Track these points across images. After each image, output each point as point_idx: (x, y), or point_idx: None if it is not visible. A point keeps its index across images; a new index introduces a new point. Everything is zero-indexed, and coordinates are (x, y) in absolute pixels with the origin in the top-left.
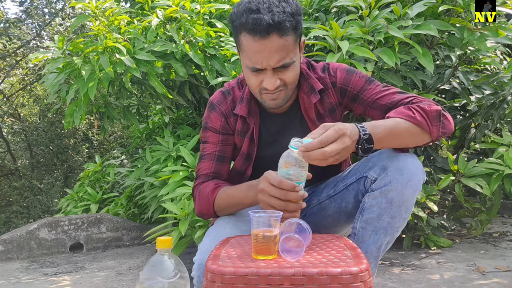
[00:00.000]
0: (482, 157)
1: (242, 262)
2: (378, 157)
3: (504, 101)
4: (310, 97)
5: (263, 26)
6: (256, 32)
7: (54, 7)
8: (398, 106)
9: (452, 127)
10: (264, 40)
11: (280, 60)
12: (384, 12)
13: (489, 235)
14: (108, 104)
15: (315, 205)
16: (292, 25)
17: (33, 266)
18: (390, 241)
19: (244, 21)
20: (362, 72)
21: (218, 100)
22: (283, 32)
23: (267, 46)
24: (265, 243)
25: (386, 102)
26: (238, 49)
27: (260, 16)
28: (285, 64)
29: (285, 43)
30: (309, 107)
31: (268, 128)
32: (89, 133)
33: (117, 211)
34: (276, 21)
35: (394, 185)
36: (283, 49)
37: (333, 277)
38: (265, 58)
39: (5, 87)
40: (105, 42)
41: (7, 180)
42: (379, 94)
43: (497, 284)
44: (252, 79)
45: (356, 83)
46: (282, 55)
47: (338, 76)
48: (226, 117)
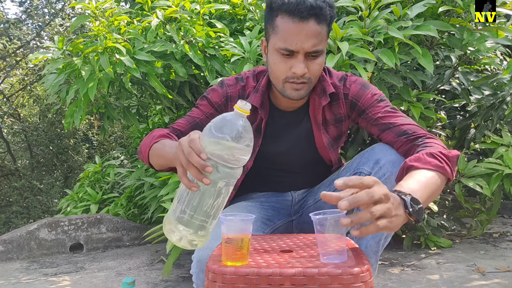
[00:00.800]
0: (482, 157)
1: None
2: (371, 152)
3: (504, 101)
4: (321, 99)
5: (305, 7)
6: (296, 13)
7: (54, 7)
8: (398, 129)
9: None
10: (302, 23)
11: (314, 45)
12: (384, 12)
13: (489, 235)
14: (108, 105)
15: (311, 204)
16: (329, 14)
17: (33, 266)
18: (388, 235)
19: (286, 1)
20: (376, 90)
21: (229, 82)
22: (321, 19)
23: (305, 29)
24: (235, 248)
25: (387, 121)
26: (269, 33)
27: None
28: (317, 50)
29: (320, 30)
30: (318, 108)
31: (274, 124)
32: (89, 134)
33: (117, 212)
34: (317, 5)
35: (388, 177)
36: (318, 35)
37: (334, 278)
38: (300, 40)
39: (5, 87)
40: (105, 43)
41: (7, 180)
42: (383, 113)
43: (497, 284)
44: (281, 64)
45: (367, 100)
46: (316, 41)
47: (352, 89)
48: (228, 100)
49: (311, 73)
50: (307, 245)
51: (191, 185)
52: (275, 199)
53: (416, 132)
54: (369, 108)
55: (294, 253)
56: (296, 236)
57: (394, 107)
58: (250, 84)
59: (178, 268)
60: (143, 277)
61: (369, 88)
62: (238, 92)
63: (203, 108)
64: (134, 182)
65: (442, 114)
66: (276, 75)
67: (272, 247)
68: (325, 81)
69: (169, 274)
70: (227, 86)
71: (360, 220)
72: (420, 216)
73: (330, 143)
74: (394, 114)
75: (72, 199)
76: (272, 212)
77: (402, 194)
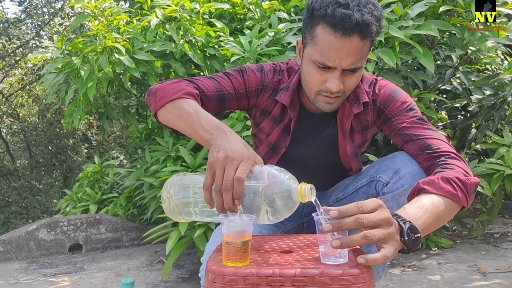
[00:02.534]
0: (483, 157)
1: None
2: (391, 160)
3: (505, 101)
4: (353, 107)
5: (350, 23)
6: (340, 28)
7: (53, 7)
8: (421, 142)
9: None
10: (345, 38)
11: (353, 62)
12: (384, 12)
13: (490, 235)
14: (107, 104)
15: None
16: (376, 30)
17: (32, 267)
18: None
19: (329, 13)
20: (407, 97)
21: (268, 71)
22: (365, 35)
23: (346, 45)
24: (235, 249)
25: (412, 132)
26: (307, 39)
27: (349, 13)
28: (356, 68)
29: (363, 47)
30: (348, 116)
31: (300, 125)
32: (88, 133)
33: (116, 212)
34: (364, 21)
35: (407, 189)
36: (360, 52)
37: (334, 278)
38: (339, 57)
39: (4, 87)
40: (104, 42)
41: (6, 180)
42: (410, 124)
43: (498, 285)
44: (316, 76)
45: (396, 107)
46: (356, 58)
47: (380, 95)
48: (263, 89)
49: (347, 88)
50: (307, 246)
51: (210, 202)
52: None
53: (440, 149)
54: (396, 116)
55: (294, 253)
56: (296, 237)
57: (423, 118)
58: (285, 79)
59: (178, 269)
60: (143, 278)
61: (399, 95)
62: (274, 84)
63: (235, 82)
64: (133, 182)
65: (443, 114)
66: (309, 86)
67: (272, 247)
68: (360, 88)
69: (169, 274)
70: (266, 74)
71: (352, 243)
72: (415, 246)
73: (354, 152)
74: (421, 125)
75: (71, 199)
76: None
77: (401, 220)
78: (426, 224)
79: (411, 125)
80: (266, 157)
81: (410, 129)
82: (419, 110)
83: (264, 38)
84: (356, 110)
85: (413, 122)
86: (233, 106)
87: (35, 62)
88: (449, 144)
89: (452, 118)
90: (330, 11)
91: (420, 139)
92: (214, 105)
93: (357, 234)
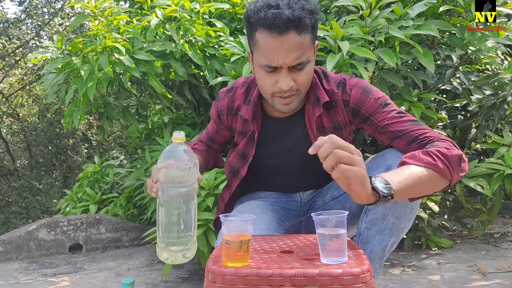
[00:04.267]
0: (483, 157)
1: None
2: (383, 157)
3: (505, 101)
4: (314, 109)
5: (282, 20)
6: (274, 27)
7: (53, 7)
8: (408, 137)
9: (467, 168)
10: (281, 36)
11: (296, 58)
12: (384, 12)
13: (490, 235)
14: (107, 104)
15: (319, 206)
16: (311, 22)
17: (32, 267)
18: (396, 242)
19: (262, 16)
20: (379, 93)
21: (221, 95)
22: (301, 30)
23: (285, 43)
24: (235, 249)
25: (396, 129)
26: (252, 48)
27: (280, 11)
28: (301, 62)
29: (302, 41)
30: (312, 118)
31: (268, 132)
32: (88, 133)
33: (116, 212)
34: (295, 16)
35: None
36: (301, 47)
37: (334, 278)
38: (281, 56)
39: (4, 87)
40: (104, 42)
41: (6, 180)
42: (390, 120)
43: (498, 285)
44: (267, 80)
45: (370, 105)
46: (299, 53)
47: (352, 95)
48: (219, 113)
49: (299, 84)
50: (307, 246)
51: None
52: (284, 199)
53: (427, 137)
54: (374, 114)
55: (295, 253)
56: (296, 237)
57: (400, 110)
58: (239, 95)
59: (178, 269)
60: (143, 278)
61: (371, 91)
62: (226, 105)
63: (212, 122)
64: (133, 182)
65: (443, 114)
66: (264, 90)
67: (272, 247)
68: (319, 88)
69: (169, 274)
70: (218, 101)
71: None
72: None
73: None
74: (401, 119)
75: (71, 199)
76: (283, 212)
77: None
78: (403, 184)
79: (392, 121)
80: (238, 165)
81: (393, 126)
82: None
83: None
84: (317, 113)
85: (393, 117)
86: (223, 138)
87: (35, 62)
88: (431, 130)
89: (452, 118)
90: (262, 14)
91: (406, 133)
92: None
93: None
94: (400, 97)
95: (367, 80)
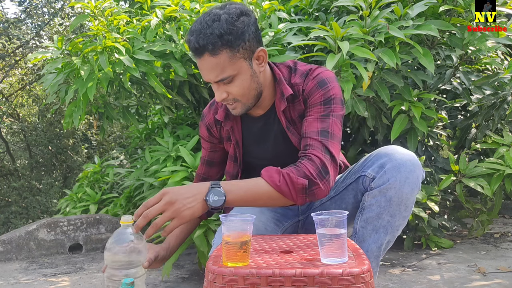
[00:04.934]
0: (483, 157)
1: None
2: (376, 155)
3: (505, 101)
4: (281, 103)
5: (192, 47)
6: (192, 52)
7: (53, 7)
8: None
9: (326, 192)
10: (200, 59)
11: (217, 76)
12: (384, 12)
13: (490, 235)
14: (107, 104)
15: (317, 206)
16: (220, 45)
17: (32, 267)
18: (391, 240)
19: (186, 41)
20: (331, 90)
21: (205, 112)
22: (214, 52)
23: (203, 64)
24: (235, 249)
25: (304, 129)
26: None
27: (191, 39)
28: (224, 78)
29: (218, 61)
30: (280, 112)
31: (249, 131)
32: (88, 133)
33: (116, 212)
34: (201, 44)
35: (392, 183)
36: (217, 67)
37: (334, 278)
38: (205, 74)
39: (4, 87)
40: (104, 42)
41: (6, 180)
42: (311, 118)
43: (498, 285)
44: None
45: (314, 99)
46: (216, 72)
47: (308, 86)
48: (209, 128)
49: (234, 95)
50: (307, 246)
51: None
52: None
53: (306, 152)
54: (310, 107)
55: (294, 253)
56: (296, 237)
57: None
58: (220, 105)
59: (178, 269)
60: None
61: (323, 86)
62: (212, 118)
63: (203, 145)
64: (133, 182)
65: (443, 114)
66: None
67: (272, 247)
68: (283, 83)
69: (169, 275)
70: (204, 117)
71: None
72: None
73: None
74: (316, 123)
75: (71, 199)
76: (281, 211)
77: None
78: (238, 196)
79: (312, 120)
80: (234, 169)
81: (308, 124)
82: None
83: (264, 38)
84: (282, 106)
85: (315, 118)
86: (220, 154)
87: (35, 62)
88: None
89: (452, 118)
90: (186, 39)
91: (305, 137)
92: (211, 170)
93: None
94: (400, 97)
95: (367, 80)
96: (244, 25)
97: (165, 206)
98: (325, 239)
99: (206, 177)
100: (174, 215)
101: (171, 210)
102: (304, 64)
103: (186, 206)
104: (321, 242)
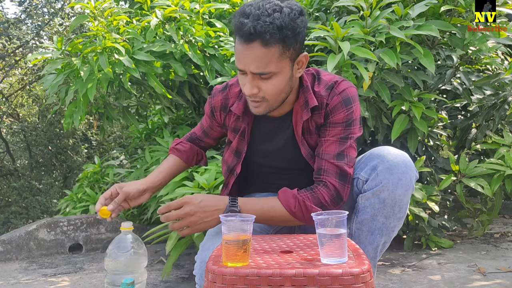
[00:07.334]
0: (483, 157)
1: None
2: (369, 157)
3: (505, 101)
4: (303, 112)
5: (245, 31)
6: (240, 35)
7: (53, 7)
8: (318, 163)
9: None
10: (247, 45)
11: (258, 67)
12: (385, 12)
13: (490, 235)
14: (107, 105)
15: None
16: (277, 38)
17: (32, 267)
18: (387, 241)
19: (234, 22)
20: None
21: (215, 92)
22: (266, 43)
23: (248, 51)
24: (235, 248)
25: (321, 149)
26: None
27: (246, 22)
28: (264, 73)
29: (267, 53)
30: (299, 121)
31: (259, 130)
32: (88, 133)
33: None
34: (257, 30)
35: (385, 185)
36: (264, 59)
37: (334, 278)
38: (244, 62)
39: (4, 87)
40: (104, 43)
41: (6, 180)
42: (330, 138)
43: (498, 285)
44: (241, 82)
45: (337, 118)
46: (261, 64)
47: (333, 101)
48: (213, 110)
49: (264, 93)
50: (307, 246)
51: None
52: None
53: (320, 176)
54: (331, 126)
55: (294, 253)
56: (296, 237)
57: (349, 136)
58: (233, 93)
59: (178, 269)
60: None
61: (348, 105)
62: (220, 102)
63: (206, 117)
64: None
65: (443, 114)
66: (243, 91)
67: (272, 247)
68: (309, 92)
69: (169, 275)
70: (212, 97)
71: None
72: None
73: (309, 154)
74: (334, 144)
75: (71, 199)
76: None
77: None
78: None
79: (331, 143)
80: (233, 163)
81: (326, 146)
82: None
83: None
84: (305, 116)
85: (334, 139)
86: (216, 133)
87: (35, 62)
88: (340, 169)
89: (452, 118)
90: (235, 21)
91: (320, 158)
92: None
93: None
94: (401, 97)
95: (367, 80)
96: (303, 25)
97: (184, 216)
98: (325, 239)
99: (199, 140)
100: (189, 225)
101: (188, 220)
102: (328, 74)
103: (203, 220)
104: (321, 242)
